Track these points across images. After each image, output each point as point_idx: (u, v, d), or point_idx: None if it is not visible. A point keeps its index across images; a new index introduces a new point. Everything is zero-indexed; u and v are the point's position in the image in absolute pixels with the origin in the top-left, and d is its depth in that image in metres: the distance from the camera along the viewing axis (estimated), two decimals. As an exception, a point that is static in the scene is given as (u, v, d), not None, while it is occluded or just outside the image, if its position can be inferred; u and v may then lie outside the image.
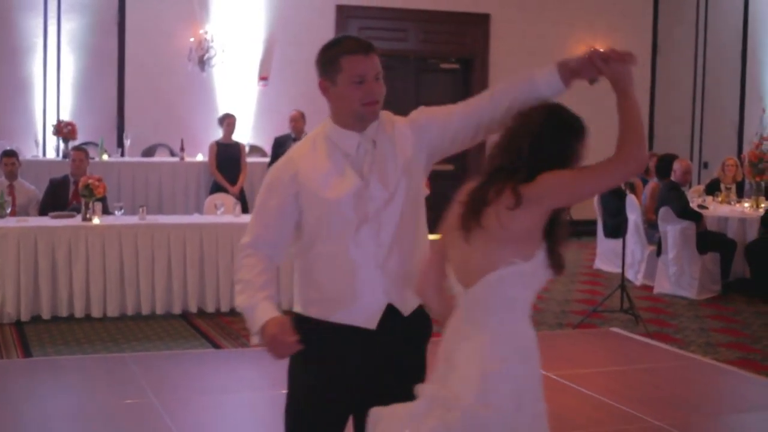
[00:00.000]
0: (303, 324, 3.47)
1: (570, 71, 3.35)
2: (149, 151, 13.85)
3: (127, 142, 13.33)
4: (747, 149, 14.33)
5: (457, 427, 3.02)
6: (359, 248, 3.43)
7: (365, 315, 3.46)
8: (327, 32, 14.84)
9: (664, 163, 11.89)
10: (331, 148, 3.48)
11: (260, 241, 3.51)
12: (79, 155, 10.73)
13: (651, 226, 11.66)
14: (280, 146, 12.55)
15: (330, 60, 3.44)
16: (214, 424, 6.49)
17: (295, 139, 12.46)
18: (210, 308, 9.53)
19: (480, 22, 15.84)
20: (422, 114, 3.56)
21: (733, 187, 12.73)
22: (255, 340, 3.41)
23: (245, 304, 3.43)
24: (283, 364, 3.56)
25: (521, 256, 3.08)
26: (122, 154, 13.34)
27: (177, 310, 9.47)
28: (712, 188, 12.94)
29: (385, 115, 3.54)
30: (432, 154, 3.55)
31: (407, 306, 3.51)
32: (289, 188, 3.46)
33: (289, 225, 3.50)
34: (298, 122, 12.96)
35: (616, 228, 12.13)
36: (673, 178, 11.42)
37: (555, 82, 3.35)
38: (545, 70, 3.38)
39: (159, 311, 9.40)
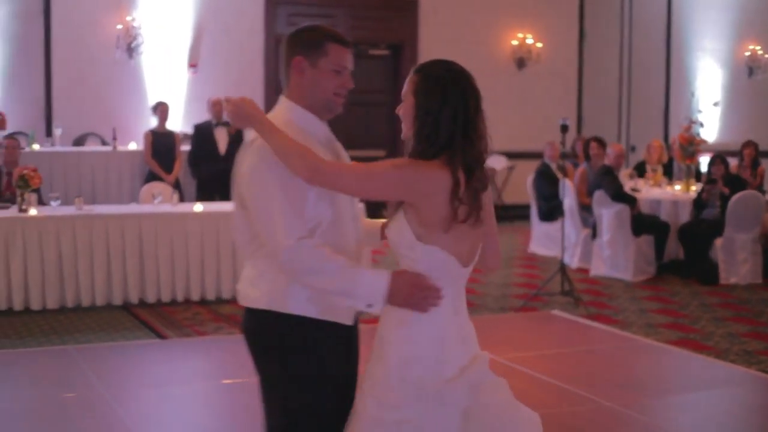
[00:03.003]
0: (309, 327, 3.30)
1: None
2: (80, 141, 13.65)
3: (57, 132, 13.11)
4: (673, 132, 14.56)
5: None
6: (350, 239, 3.40)
7: (350, 309, 3.38)
8: (256, 19, 14.80)
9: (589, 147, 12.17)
10: (306, 137, 3.28)
11: (302, 237, 3.20)
12: (12, 143, 10.54)
13: (585, 210, 11.79)
14: (201, 133, 12.42)
15: (316, 42, 3.35)
16: (167, 415, 6.42)
17: (217, 125, 12.36)
18: (151, 298, 9.41)
19: (409, 8, 15.87)
20: None
21: (660, 168, 12.93)
22: (377, 309, 3.20)
23: (345, 281, 3.17)
24: (233, 354, 3.35)
25: None
26: (52, 144, 13.11)
27: (118, 301, 9.34)
28: (640, 170, 13.13)
29: None
30: None
31: None
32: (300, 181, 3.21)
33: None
34: (218, 107, 12.48)
35: (551, 212, 12.28)
36: (606, 161, 11.58)
37: None
38: None
39: (99, 302, 9.26)
